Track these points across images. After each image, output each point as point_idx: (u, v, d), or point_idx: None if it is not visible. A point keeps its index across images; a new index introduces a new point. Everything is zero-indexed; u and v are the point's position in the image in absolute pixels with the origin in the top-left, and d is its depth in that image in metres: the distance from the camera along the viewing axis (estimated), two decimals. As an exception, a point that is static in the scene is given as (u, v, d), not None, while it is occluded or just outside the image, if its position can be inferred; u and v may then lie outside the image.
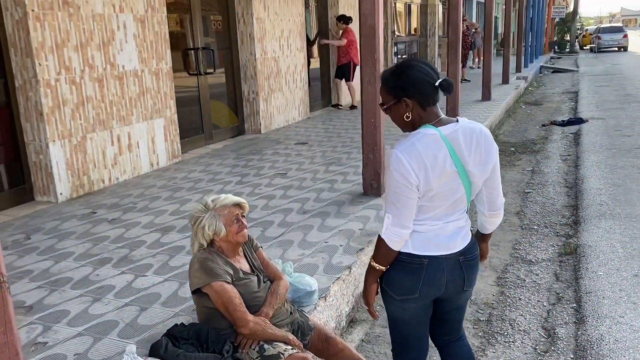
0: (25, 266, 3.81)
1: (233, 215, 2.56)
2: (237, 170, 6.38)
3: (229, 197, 2.62)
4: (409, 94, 2.09)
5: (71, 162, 5.44)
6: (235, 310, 2.44)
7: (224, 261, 2.56)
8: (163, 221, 4.68)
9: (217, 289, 2.45)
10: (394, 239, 2.09)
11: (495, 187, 2.24)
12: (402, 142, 2.08)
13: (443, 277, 2.17)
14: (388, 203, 2.09)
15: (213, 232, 2.56)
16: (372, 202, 4.92)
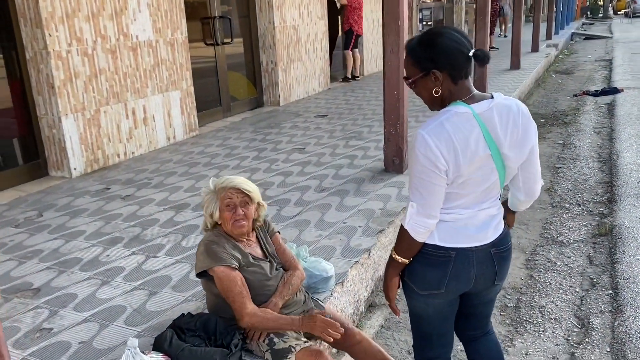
0: (35, 245, 3.72)
1: (227, 199, 2.37)
2: (254, 145, 6.19)
3: (230, 179, 2.41)
4: (439, 65, 1.84)
5: (85, 137, 5.31)
6: (234, 300, 2.28)
7: (231, 245, 2.39)
8: (177, 198, 4.54)
9: (219, 275, 2.30)
10: (419, 230, 1.88)
11: (533, 172, 2.01)
12: (429, 122, 1.85)
13: (472, 271, 1.96)
14: (412, 190, 1.88)
15: (210, 214, 2.40)
16: (393, 179, 4.70)
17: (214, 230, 2.47)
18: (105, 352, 2.49)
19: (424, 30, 2.95)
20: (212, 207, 2.40)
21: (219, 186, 2.41)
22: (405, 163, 4.83)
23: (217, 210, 2.39)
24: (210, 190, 2.43)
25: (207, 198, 2.42)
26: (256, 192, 2.46)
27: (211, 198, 2.41)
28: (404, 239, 1.94)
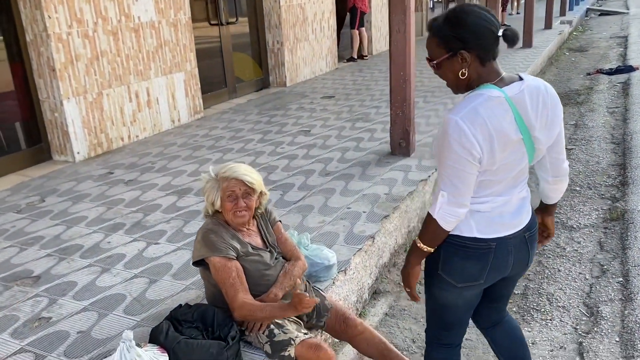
0: (36, 232, 3.69)
1: (230, 191, 2.30)
2: (259, 127, 6.11)
3: (234, 169, 2.33)
4: (467, 46, 1.74)
5: (87, 120, 5.26)
6: (227, 292, 2.22)
7: (230, 234, 2.33)
8: (180, 183, 4.49)
9: (215, 264, 2.24)
10: (449, 219, 1.80)
11: (560, 152, 1.94)
12: (460, 107, 1.73)
13: (510, 258, 1.92)
14: (442, 178, 1.77)
15: (211, 202, 2.34)
16: (399, 162, 4.60)
17: (214, 217, 2.41)
18: (103, 342, 2.46)
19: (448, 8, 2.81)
20: (213, 195, 2.33)
21: (221, 175, 2.33)
22: (412, 146, 4.74)
23: (218, 199, 2.32)
24: (211, 177, 2.36)
25: (209, 185, 2.35)
26: (259, 182, 2.38)
27: (213, 186, 2.34)
28: (431, 228, 1.85)
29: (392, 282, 3.52)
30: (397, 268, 3.66)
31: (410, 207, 3.93)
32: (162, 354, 2.03)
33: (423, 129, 5.56)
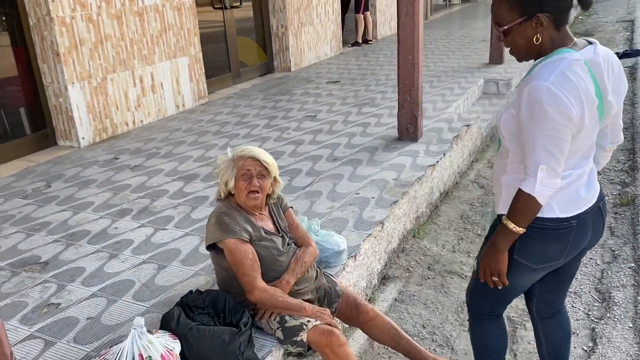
0: (43, 217, 3.67)
1: (245, 170, 2.29)
2: (265, 113, 6.06)
3: (250, 149, 2.35)
4: (544, 8, 1.66)
5: (92, 105, 5.21)
6: (245, 273, 2.20)
7: (243, 218, 2.30)
8: (187, 168, 4.46)
9: (230, 247, 2.21)
10: (548, 193, 1.72)
11: (620, 118, 1.91)
12: (544, 73, 1.65)
13: (589, 233, 1.88)
14: (538, 151, 1.67)
15: (225, 182, 2.31)
16: (407, 148, 4.56)
17: (226, 201, 2.38)
18: (113, 328, 2.44)
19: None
20: (227, 174, 2.31)
21: (237, 154, 2.33)
22: (419, 131, 4.69)
23: (232, 178, 2.30)
24: (228, 158, 2.34)
25: (224, 165, 2.34)
26: (274, 166, 2.38)
27: (228, 165, 2.33)
28: (528, 207, 1.74)
29: (401, 268, 3.50)
30: (406, 254, 3.64)
31: (418, 193, 3.89)
32: (174, 341, 2.01)
33: (430, 114, 5.50)
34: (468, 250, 3.70)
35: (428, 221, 4.11)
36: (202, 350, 2.01)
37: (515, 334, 2.85)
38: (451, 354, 2.73)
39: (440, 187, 4.37)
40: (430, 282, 3.36)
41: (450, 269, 3.49)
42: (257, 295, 2.20)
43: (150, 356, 1.88)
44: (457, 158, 4.75)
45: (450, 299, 3.18)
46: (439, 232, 3.97)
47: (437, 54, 8.97)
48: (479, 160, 5.35)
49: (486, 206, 4.32)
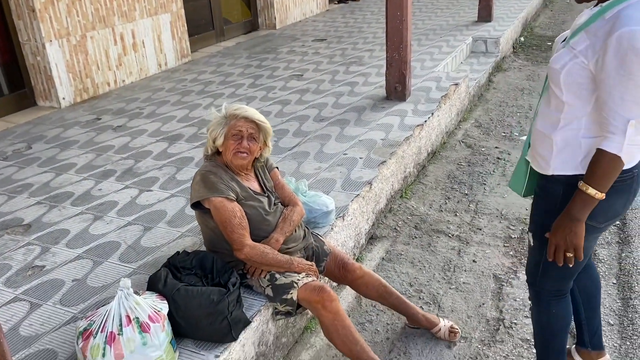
0: (25, 179, 3.59)
1: (236, 130, 2.24)
2: (250, 72, 5.93)
3: (245, 109, 2.29)
4: None
5: (72, 64, 5.06)
6: (233, 231, 2.17)
7: (229, 176, 2.26)
8: (171, 129, 4.37)
9: (216, 205, 2.18)
10: (634, 152, 1.63)
11: None
12: (632, 17, 1.52)
13: None
14: (628, 105, 1.55)
15: (213, 138, 2.26)
16: (395, 107, 4.50)
17: (212, 159, 2.33)
18: (99, 289, 2.42)
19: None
20: (217, 131, 2.26)
21: (230, 112, 2.27)
22: (407, 90, 4.62)
23: (222, 136, 2.25)
24: (220, 114, 2.29)
25: (215, 121, 2.28)
26: (268, 128, 2.32)
27: (219, 122, 2.27)
28: (612, 169, 1.62)
29: (388, 228, 3.50)
30: (393, 214, 3.64)
31: (406, 153, 3.87)
32: (162, 302, 1.99)
33: (418, 72, 5.43)
34: (455, 209, 3.71)
35: (415, 181, 4.11)
36: (191, 310, 2.00)
37: (501, 292, 2.89)
38: (438, 311, 2.76)
39: (427, 147, 4.34)
40: (417, 242, 3.37)
41: (437, 228, 3.50)
42: (246, 252, 2.18)
43: (138, 317, 1.86)
44: (445, 118, 4.71)
45: (437, 258, 3.20)
46: (426, 192, 3.97)
47: (425, 11, 8.80)
48: (466, 119, 5.33)
49: (473, 166, 4.32)
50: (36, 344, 2.11)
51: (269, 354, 2.33)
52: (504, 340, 2.55)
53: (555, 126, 1.77)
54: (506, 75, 6.71)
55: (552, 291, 2.01)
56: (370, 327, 2.69)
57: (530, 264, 2.02)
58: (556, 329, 2.06)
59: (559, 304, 2.02)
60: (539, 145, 1.85)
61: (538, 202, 1.91)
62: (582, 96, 1.67)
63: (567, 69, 1.67)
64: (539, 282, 2.00)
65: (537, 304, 2.07)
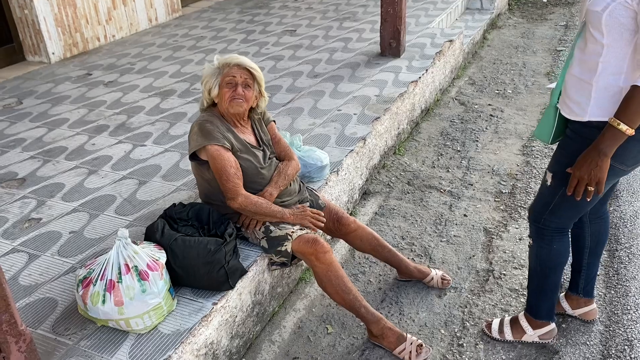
0: (17, 134, 3.57)
1: (230, 77, 2.23)
2: (242, 27, 5.84)
3: (235, 57, 2.28)
4: None
5: (60, 18, 4.95)
6: (228, 179, 2.19)
7: (225, 127, 2.27)
8: (163, 84, 4.34)
9: (212, 153, 2.19)
10: None
11: None
12: None
13: None
14: None
15: (208, 89, 2.26)
16: (390, 64, 4.48)
17: (209, 111, 2.33)
18: (96, 241, 2.45)
19: None
20: (211, 82, 2.25)
21: (222, 62, 2.26)
22: (402, 46, 4.59)
23: (216, 86, 2.24)
24: (213, 65, 2.28)
25: (209, 73, 2.27)
26: (261, 75, 2.32)
27: (212, 73, 2.26)
28: None
29: (381, 183, 3.54)
30: (386, 170, 3.67)
31: (400, 109, 3.87)
32: (160, 251, 2.03)
33: (413, 29, 5.37)
34: (447, 166, 3.75)
35: (409, 138, 4.12)
36: (188, 260, 2.04)
37: (491, 244, 2.96)
38: (429, 263, 2.82)
39: (421, 104, 4.34)
40: (409, 197, 3.42)
41: (429, 183, 3.55)
42: (240, 201, 2.20)
43: (137, 266, 1.89)
44: (439, 75, 4.70)
45: (429, 212, 3.25)
46: (419, 148, 4.00)
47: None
48: (460, 77, 5.31)
49: (466, 123, 4.34)
50: (36, 292, 2.15)
51: (264, 303, 2.40)
52: (493, 290, 2.63)
53: (594, 71, 1.77)
54: (501, 33, 6.65)
55: (557, 229, 2.07)
56: (363, 278, 2.75)
57: (539, 203, 2.08)
58: (555, 264, 2.14)
59: (561, 240, 2.09)
60: (574, 92, 1.84)
61: (568, 143, 1.92)
62: (624, 37, 1.68)
63: (609, 10, 1.67)
64: (545, 219, 2.07)
65: (540, 239, 2.13)
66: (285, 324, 2.47)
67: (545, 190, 2.05)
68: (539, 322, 2.27)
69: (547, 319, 2.26)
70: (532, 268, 2.23)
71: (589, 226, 2.25)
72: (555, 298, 2.24)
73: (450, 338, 2.37)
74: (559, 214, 2.03)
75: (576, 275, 2.34)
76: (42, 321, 2.00)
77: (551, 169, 2.00)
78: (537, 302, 2.25)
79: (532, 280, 2.24)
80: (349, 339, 2.38)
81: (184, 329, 1.93)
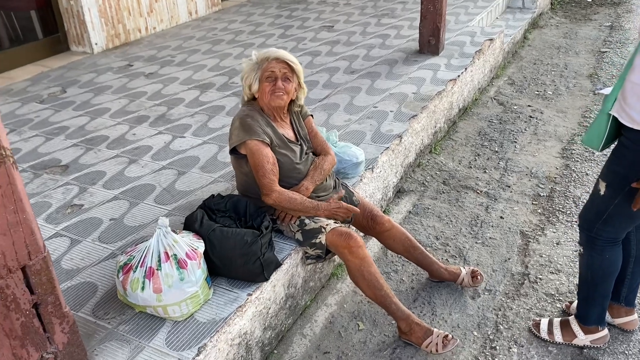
0: (61, 122, 3.68)
1: (269, 71, 2.24)
2: (280, 22, 5.87)
3: (273, 51, 2.28)
4: None
5: (104, 9, 5.07)
6: (265, 175, 2.21)
7: (265, 121, 2.29)
8: (202, 77, 4.39)
9: (251, 148, 2.21)
10: None
11: None
12: None
13: None
14: None
15: (248, 85, 2.27)
16: (428, 61, 4.43)
17: (249, 104, 2.35)
18: (136, 229, 2.51)
19: None
20: (251, 77, 2.27)
21: (261, 57, 2.27)
22: (441, 44, 4.54)
23: (256, 81, 2.26)
24: (252, 61, 2.29)
25: (248, 68, 2.29)
26: (300, 68, 2.32)
27: (252, 68, 2.28)
28: None
29: (416, 182, 3.51)
30: (422, 168, 3.64)
31: (438, 107, 3.83)
32: (198, 240, 2.06)
33: (452, 26, 5.31)
34: (484, 166, 3.70)
35: (445, 137, 4.08)
36: (225, 250, 2.07)
37: (527, 248, 2.91)
38: (463, 264, 2.79)
39: (459, 103, 4.29)
40: (445, 197, 3.39)
41: (465, 184, 3.51)
42: (274, 197, 2.22)
43: (176, 254, 1.93)
44: (478, 73, 4.63)
45: (465, 213, 3.22)
46: (456, 148, 3.95)
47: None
48: (499, 76, 5.22)
49: (504, 123, 4.27)
50: (77, 276, 2.22)
51: (297, 296, 2.41)
52: (528, 294, 2.59)
53: None
54: (542, 33, 6.51)
55: (609, 238, 2.05)
56: (396, 276, 2.74)
57: (590, 211, 2.05)
58: (607, 273, 2.12)
59: (613, 249, 2.08)
60: (635, 99, 1.80)
61: (624, 153, 1.89)
62: None
63: None
64: (597, 229, 2.04)
65: (591, 249, 2.11)
66: (317, 318, 2.48)
67: (598, 199, 2.01)
68: (591, 328, 2.25)
69: (597, 324, 2.24)
70: (582, 276, 2.19)
71: (635, 234, 2.19)
72: (606, 304, 2.21)
73: (483, 340, 2.35)
74: (612, 224, 1.99)
75: (619, 284, 2.29)
76: (83, 304, 2.06)
77: (605, 178, 1.96)
78: (586, 309, 2.23)
79: (582, 289, 2.21)
80: (380, 337, 2.38)
81: (220, 318, 1.96)
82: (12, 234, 1.46)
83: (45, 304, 1.58)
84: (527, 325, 2.40)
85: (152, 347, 1.86)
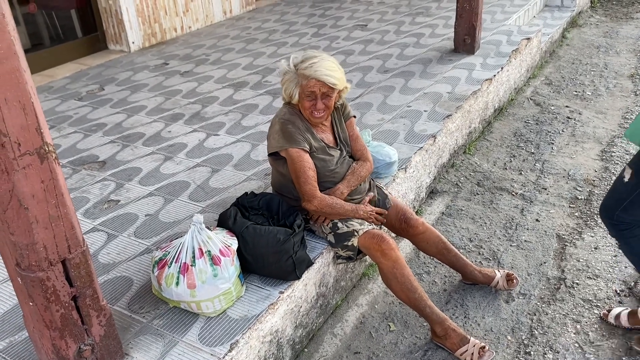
0: (98, 119, 3.76)
1: (309, 90, 2.19)
2: (313, 21, 5.87)
3: (315, 67, 2.15)
4: None
5: (141, 9, 5.16)
6: (306, 182, 2.21)
7: (305, 126, 2.27)
8: (236, 76, 4.43)
9: (293, 156, 2.21)
10: None
11: None
12: None
13: None
14: None
15: (289, 94, 2.25)
16: (463, 60, 4.37)
17: (290, 106, 2.32)
18: (170, 225, 2.54)
19: None
20: (291, 88, 2.22)
21: (301, 70, 2.18)
22: (477, 43, 4.47)
23: (296, 94, 2.22)
24: (290, 69, 2.22)
25: (287, 77, 2.23)
26: (342, 80, 2.22)
27: (291, 79, 2.21)
28: None
29: (449, 183, 3.47)
30: (456, 169, 3.60)
31: (473, 107, 3.78)
32: (232, 238, 2.08)
33: (488, 25, 5.22)
34: (520, 168, 3.63)
35: (480, 137, 4.02)
36: (258, 248, 2.08)
37: (564, 252, 2.84)
38: (497, 267, 2.75)
39: (495, 103, 4.22)
40: (479, 198, 3.34)
41: (500, 185, 3.45)
42: (316, 204, 2.22)
43: (210, 251, 1.95)
44: (514, 73, 4.55)
45: (499, 215, 3.16)
46: (491, 148, 3.89)
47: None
48: (536, 76, 5.12)
49: (541, 124, 4.18)
50: (113, 271, 2.26)
51: (328, 295, 2.41)
52: (564, 299, 2.53)
53: None
54: (581, 32, 6.35)
55: (634, 222, 2.04)
56: (428, 278, 2.71)
57: (612, 198, 2.04)
58: None
59: None
60: None
61: None
62: None
63: None
64: (617, 216, 2.03)
65: (622, 237, 2.10)
66: (348, 318, 2.48)
67: (621, 186, 1.99)
68: None
69: None
70: (636, 263, 2.17)
71: None
72: None
73: (517, 345, 2.30)
74: (631, 212, 1.99)
75: None
76: (119, 298, 2.10)
77: (634, 165, 1.93)
78: None
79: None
80: (411, 338, 2.36)
81: (252, 315, 1.97)
82: (53, 227, 1.50)
83: (84, 296, 1.62)
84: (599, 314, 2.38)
85: (185, 342, 1.88)
